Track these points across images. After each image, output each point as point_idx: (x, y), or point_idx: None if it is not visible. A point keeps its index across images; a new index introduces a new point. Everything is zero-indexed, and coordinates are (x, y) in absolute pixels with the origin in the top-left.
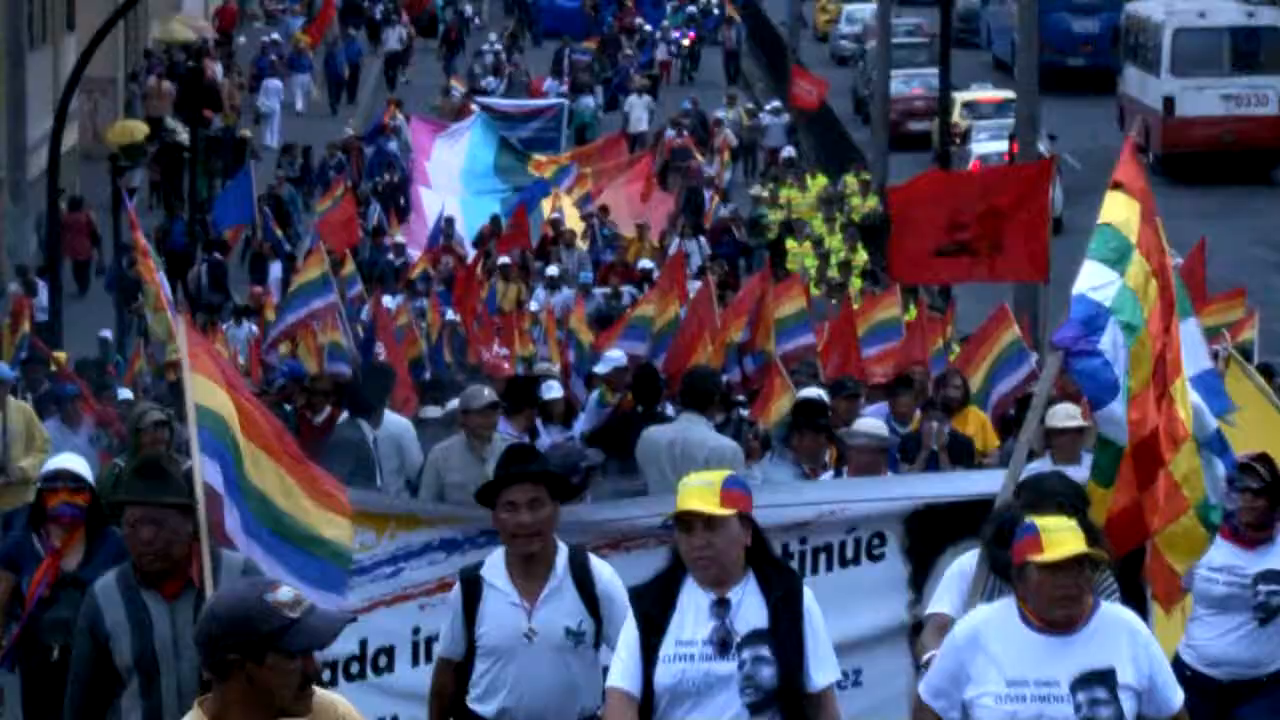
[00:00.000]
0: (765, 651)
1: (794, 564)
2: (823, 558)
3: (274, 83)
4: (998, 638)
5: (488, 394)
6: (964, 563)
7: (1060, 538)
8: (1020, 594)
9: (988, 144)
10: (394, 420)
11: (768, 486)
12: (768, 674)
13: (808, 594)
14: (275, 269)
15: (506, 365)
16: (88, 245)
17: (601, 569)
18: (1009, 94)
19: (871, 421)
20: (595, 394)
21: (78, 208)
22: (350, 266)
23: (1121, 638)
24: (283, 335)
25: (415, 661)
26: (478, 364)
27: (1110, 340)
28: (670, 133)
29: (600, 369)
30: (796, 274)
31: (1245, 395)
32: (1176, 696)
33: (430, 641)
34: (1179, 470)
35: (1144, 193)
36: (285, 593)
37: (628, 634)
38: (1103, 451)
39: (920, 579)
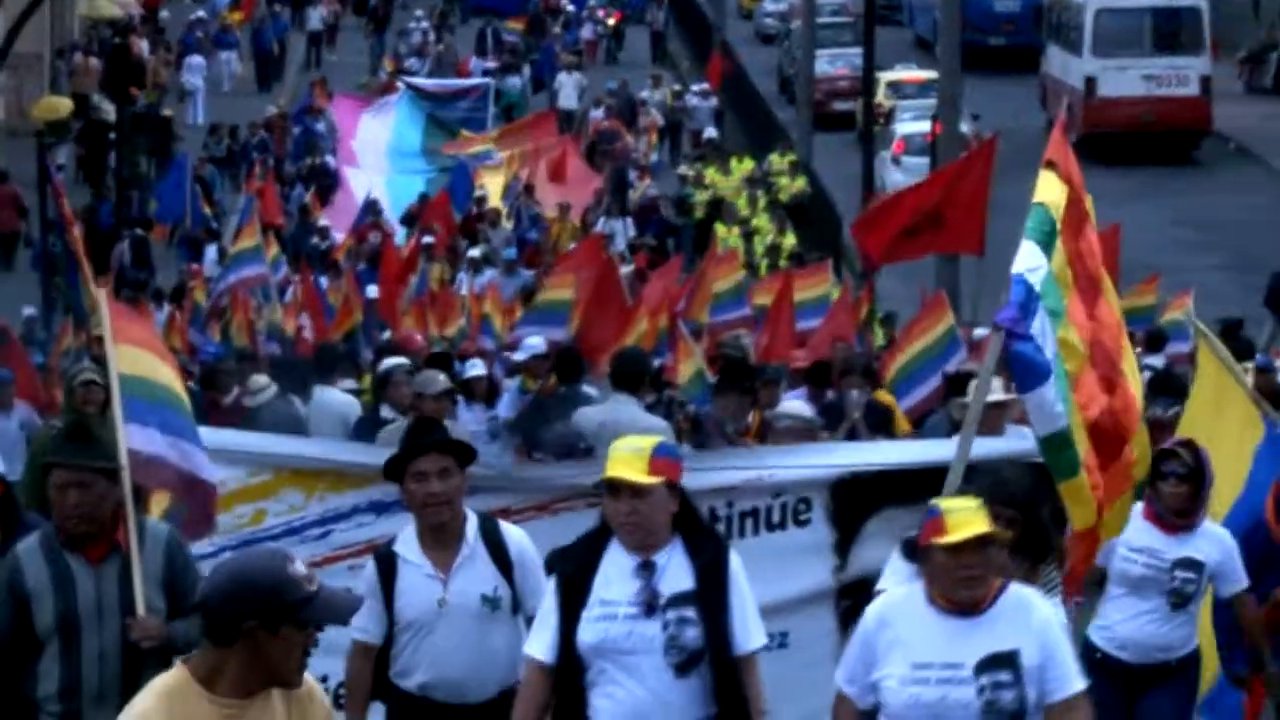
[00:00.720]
0: (690, 613)
1: (720, 527)
2: (749, 522)
3: (197, 59)
4: (905, 621)
5: (442, 380)
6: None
7: (962, 518)
8: (926, 576)
9: (911, 124)
10: (337, 397)
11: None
12: (692, 635)
13: (734, 559)
14: (210, 251)
15: (420, 339)
16: (14, 219)
17: (512, 533)
18: (933, 74)
19: (796, 404)
20: (516, 381)
21: (3, 181)
22: (275, 249)
23: (1026, 619)
24: (216, 304)
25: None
26: (396, 341)
27: (1040, 325)
28: (596, 113)
29: (520, 356)
30: (734, 251)
31: (1212, 368)
32: (1074, 680)
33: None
34: (1137, 448)
35: (1069, 173)
36: (300, 566)
37: (548, 598)
38: (1046, 448)
39: (845, 544)
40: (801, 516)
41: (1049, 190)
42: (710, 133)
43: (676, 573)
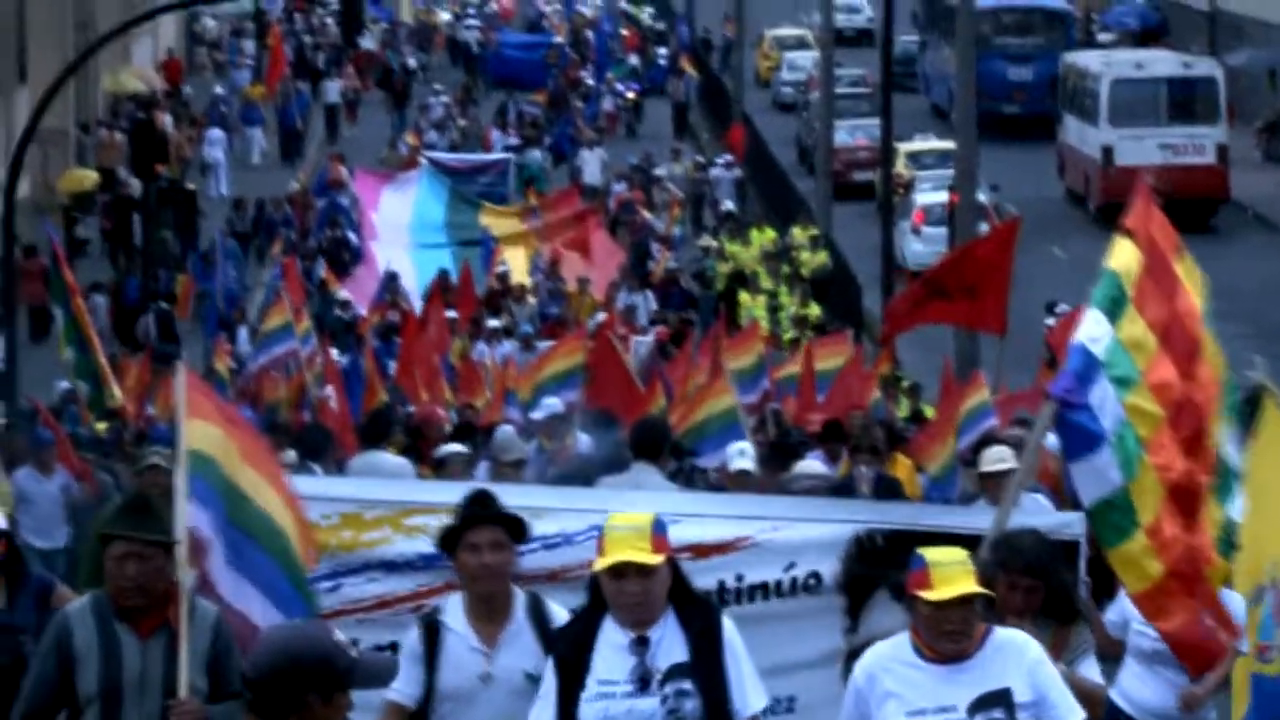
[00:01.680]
0: (687, 685)
1: (730, 598)
2: (759, 594)
3: (217, 133)
4: (894, 672)
5: (517, 448)
6: None
7: (948, 574)
8: (911, 624)
9: (931, 194)
10: (389, 460)
11: (708, 496)
12: (691, 706)
13: (727, 625)
14: (242, 332)
15: (441, 413)
16: (43, 292)
17: (558, 613)
18: (951, 145)
19: (815, 464)
20: (535, 443)
21: (31, 255)
22: (306, 322)
23: (1014, 659)
24: (245, 385)
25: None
26: (420, 418)
27: (1100, 394)
28: (618, 187)
29: (538, 415)
30: (755, 323)
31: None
32: (1073, 713)
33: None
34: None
35: (1153, 239)
36: (339, 634)
37: (546, 679)
38: (1095, 515)
39: (856, 610)
40: (813, 588)
41: (1122, 257)
42: (728, 205)
43: (671, 645)
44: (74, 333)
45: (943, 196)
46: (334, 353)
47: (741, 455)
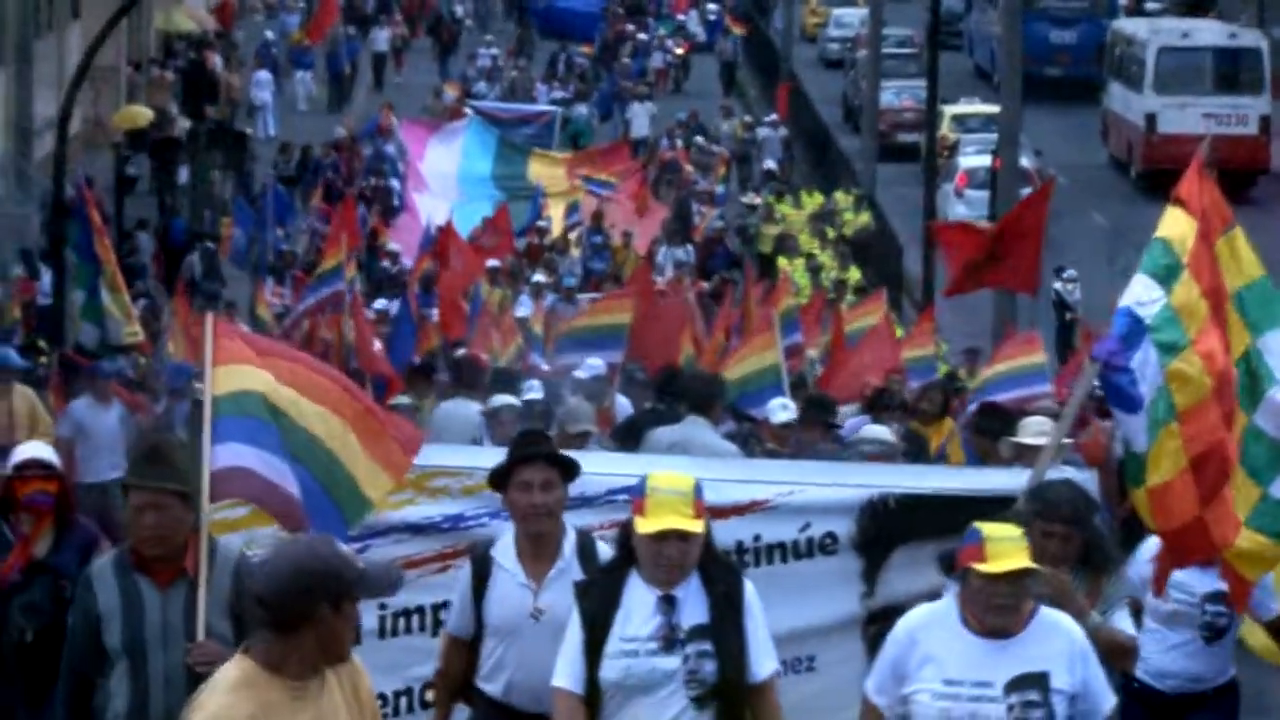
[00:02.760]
0: (708, 646)
1: (748, 558)
2: (776, 554)
3: (265, 74)
4: (937, 638)
5: (586, 420)
6: None
7: (1003, 549)
8: (961, 596)
9: (974, 158)
10: (470, 409)
11: (727, 460)
12: (710, 668)
13: (748, 588)
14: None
15: (485, 359)
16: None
17: (608, 555)
18: (995, 108)
19: (880, 429)
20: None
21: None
22: (354, 269)
23: (1057, 643)
24: (293, 324)
25: (382, 634)
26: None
27: (1142, 358)
28: (665, 143)
29: (582, 375)
30: (785, 276)
31: None
32: (1108, 701)
33: (397, 616)
34: (1236, 488)
35: (1204, 211)
36: (343, 546)
37: (572, 631)
38: (1129, 458)
39: (873, 573)
40: (828, 548)
41: (1173, 225)
42: (769, 164)
43: (695, 606)
44: (86, 277)
45: (986, 160)
46: (381, 301)
47: (784, 409)
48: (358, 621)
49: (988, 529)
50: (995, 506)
